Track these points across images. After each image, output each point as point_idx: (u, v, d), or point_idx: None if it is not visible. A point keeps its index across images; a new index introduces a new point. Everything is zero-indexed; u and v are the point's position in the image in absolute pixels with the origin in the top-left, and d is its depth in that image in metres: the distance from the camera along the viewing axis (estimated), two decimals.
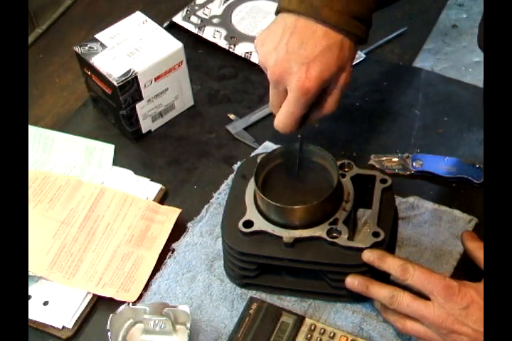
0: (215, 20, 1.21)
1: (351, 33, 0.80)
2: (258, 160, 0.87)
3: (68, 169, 1.04)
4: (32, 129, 1.07)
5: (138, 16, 1.05)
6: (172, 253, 0.95)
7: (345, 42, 0.81)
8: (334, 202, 0.85)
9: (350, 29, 0.80)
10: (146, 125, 1.07)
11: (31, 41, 1.21)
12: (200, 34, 1.19)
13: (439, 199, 0.97)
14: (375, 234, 0.83)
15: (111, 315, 0.83)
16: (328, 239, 0.83)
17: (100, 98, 1.05)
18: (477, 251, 0.86)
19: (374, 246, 0.82)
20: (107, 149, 1.06)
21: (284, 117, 0.83)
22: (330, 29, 0.79)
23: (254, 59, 1.16)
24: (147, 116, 1.06)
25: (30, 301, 0.90)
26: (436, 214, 0.95)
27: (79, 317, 0.89)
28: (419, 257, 0.92)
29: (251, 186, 0.88)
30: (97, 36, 1.03)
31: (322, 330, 0.85)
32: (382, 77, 1.13)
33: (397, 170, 1.01)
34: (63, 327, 0.89)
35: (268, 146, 1.04)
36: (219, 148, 1.07)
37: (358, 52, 1.15)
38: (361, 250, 0.82)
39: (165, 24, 1.19)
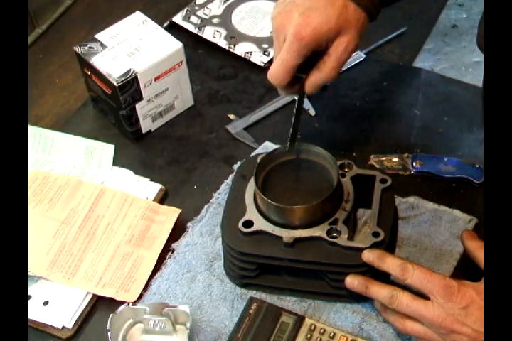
0: (215, 20, 1.21)
1: None
2: (258, 160, 0.87)
3: (68, 169, 1.04)
4: (32, 129, 1.07)
5: (138, 16, 1.05)
6: (172, 253, 0.95)
7: (350, 4, 0.83)
8: (334, 202, 0.85)
9: None
10: (146, 125, 1.07)
11: (31, 41, 1.21)
12: (200, 34, 1.19)
13: (439, 199, 0.97)
14: (375, 234, 0.83)
15: (111, 315, 0.83)
16: (328, 239, 0.83)
17: (100, 98, 1.05)
18: (477, 250, 0.86)
19: (374, 246, 0.82)
20: (107, 149, 1.06)
21: (276, 65, 0.84)
22: None
23: (254, 59, 1.16)
24: (147, 116, 1.06)
25: (30, 301, 0.90)
26: (436, 214, 0.96)
27: (79, 317, 0.89)
28: (419, 257, 0.92)
29: (251, 186, 0.88)
30: (97, 36, 1.03)
31: (322, 330, 0.85)
32: (382, 77, 1.13)
33: (397, 170, 1.01)
34: (63, 327, 0.89)
35: (268, 146, 1.04)
36: (219, 148, 1.07)
37: (358, 52, 1.15)
38: (361, 250, 0.82)
39: (165, 24, 1.19)
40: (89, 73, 1.03)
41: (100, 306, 0.91)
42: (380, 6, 0.87)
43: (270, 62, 1.15)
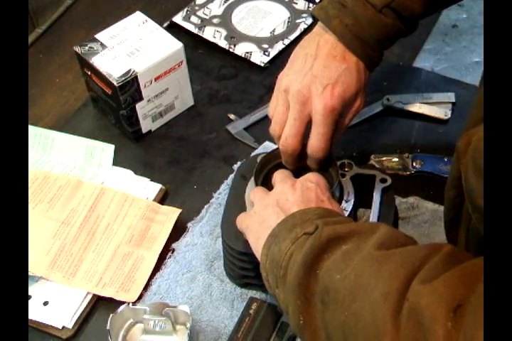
0: (215, 20, 1.21)
1: (358, 54, 0.86)
2: (258, 160, 0.87)
3: (68, 169, 1.04)
4: (32, 129, 1.07)
5: (138, 16, 1.05)
6: (172, 253, 0.95)
7: (360, 65, 0.86)
8: None
9: (353, 47, 0.85)
10: (146, 125, 1.07)
11: (31, 41, 1.21)
12: (200, 34, 1.19)
13: (439, 199, 0.97)
14: None
15: (111, 315, 0.83)
16: None
17: (100, 98, 1.05)
18: None
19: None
20: (107, 149, 1.06)
21: (316, 140, 0.84)
22: (347, 51, 0.85)
23: (254, 59, 1.16)
24: (147, 116, 1.06)
25: (30, 301, 0.90)
26: (436, 214, 0.96)
27: (79, 317, 0.89)
28: None
29: (251, 186, 0.88)
30: (97, 36, 1.03)
31: None
32: (382, 77, 1.13)
33: (397, 170, 1.01)
34: (63, 327, 0.89)
35: (268, 146, 1.04)
36: (219, 148, 1.07)
37: None
38: None
39: (165, 24, 1.19)
40: (89, 73, 1.03)
41: (100, 306, 0.91)
42: (382, 53, 0.91)
43: (270, 62, 1.16)
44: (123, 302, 0.86)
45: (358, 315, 0.61)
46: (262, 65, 1.15)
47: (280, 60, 1.17)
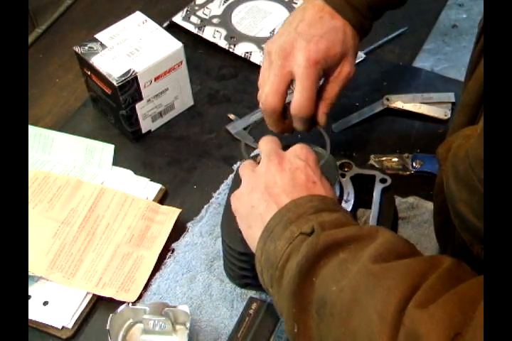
0: (215, 20, 1.21)
1: (348, 17, 0.84)
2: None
3: (68, 169, 1.04)
4: (32, 129, 1.07)
5: (138, 16, 1.05)
6: (172, 253, 0.95)
7: (348, 28, 0.85)
8: None
9: (342, 10, 0.84)
10: (146, 125, 1.07)
11: (31, 41, 1.21)
12: (200, 34, 1.19)
13: None
14: None
15: (111, 315, 0.83)
16: None
17: (100, 98, 1.05)
18: None
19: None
20: (107, 149, 1.06)
21: (300, 96, 0.82)
22: (335, 13, 0.84)
23: (254, 59, 1.16)
24: (147, 116, 1.06)
25: (30, 301, 0.90)
26: None
27: (79, 317, 0.89)
28: None
29: None
30: (97, 36, 1.03)
31: None
32: (382, 77, 1.13)
33: (397, 170, 1.01)
34: (63, 327, 0.89)
35: None
36: (219, 148, 1.07)
37: (358, 51, 1.15)
38: None
39: (165, 24, 1.19)
40: (89, 73, 1.03)
41: (100, 306, 0.91)
42: (372, 22, 0.89)
43: None
44: (123, 302, 0.86)
45: (355, 333, 0.60)
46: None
47: None
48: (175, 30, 1.18)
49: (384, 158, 1.02)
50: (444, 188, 0.74)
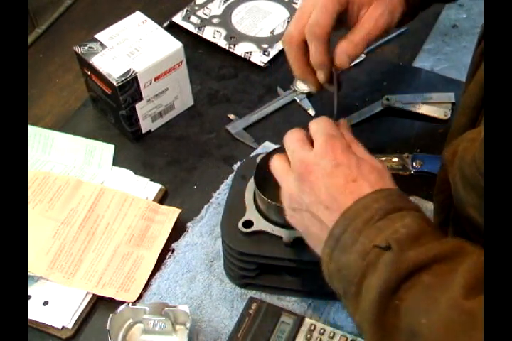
0: (215, 20, 1.21)
1: None
2: (258, 160, 0.87)
3: (68, 169, 1.04)
4: (32, 129, 1.07)
5: (138, 16, 1.05)
6: (172, 253, 0.95)
7: None
8: None
9: None
10: (146, 125, 1.07)
11: (31, 41, 1.21)
12: (200, 34, 1.19)
13: None
14: None
15: (111, 315, 0.83)
16: None
17: (100, 98, 1.05)
18: None
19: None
20: (107, 149, 1.06)
21: (315, 13, 0.78)
22: None
23: (254, 59, 1.16)
24: (147, 116, 1.06)
25: (30, 301, 0.90)
26: None
27: (79, 317, 0.89)
28: None
29: (251, 186, 0.88)
30: (97, 36, 1.03)
31: (322, 330, 0.85)
32: (382, 77, 1.13)
33: (397, 170, 1.01)
34: (63, 327, 0.89)
35: (268, 146, 1.04)
36: (219, 148, 1.07)
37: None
38: None
39: (165, 24, 1.19)
40: (89, 73, 1.03)
41: (100, 306, 0.91)
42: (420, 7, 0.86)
43: (270, 62, 1.16)
44: (123, 302, 0.86)
45: None
46: (262, 64, 1.15)
47: (280, 60, 1.17)
48: (175, 30, 1.18)
49: (384, 158, 1.02)
50: (445, 188, 0.74)
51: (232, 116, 1.09)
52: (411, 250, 0.62)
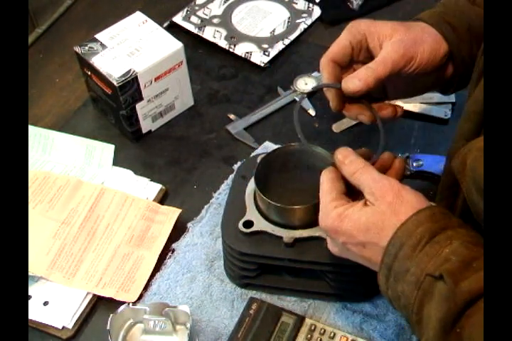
0: (215, 20, 1.21)
1: (441, 29, 0.81)
2: (258, 160, 0.87)
3: (68, 169, 1.04)
4: (32, 129, 1.07)
5: (138, 16, 1.05)
6: (172, 253, 0.95)
7: (438, 38, 0.81)
8: None
9: (435, 22, 0.82)
10: (146, 125, 1.07)
11: (31, 41, 1.21)
12: (200, 34, 1.19)
13: None
14: None
15: (111, 315, 0.83)
16: None
17: (100, 98, 1.05)
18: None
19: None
20: (107, 149, 1.06)
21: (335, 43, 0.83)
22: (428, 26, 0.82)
23: (254, 59, 1.16)
24: (147, 116, 1.06)
25: (30, 301, 0.90)
26: None
27: (79, 317, 0.89)
28: None
29: (251, 186, 0.88)
30: (97, 36, 1.03)
31: (322, 330, 0.85)
32: None
33: None
34: (63, 327, 0.89)
35: (268, 146, 1.04)
36: (219, 148, 1.07)
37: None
38: None
39: (165, 24, 1.19)
40: (89, 73, 1.03)
41: (100, 306, 0.91)
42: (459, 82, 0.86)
43: (270, 62, 1.16)
44: (123, 303, 0.86)
45: None
46: (262, 65, 1.15)
47: (280, 60, 1.17)
48: (175, 30, 1.18)
49: None
50: (447, 194, 0.74)
51: (232, 116, 1.09)
52: (466, 279, 0.62)
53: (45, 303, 0.90)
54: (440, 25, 0.82)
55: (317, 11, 1.22)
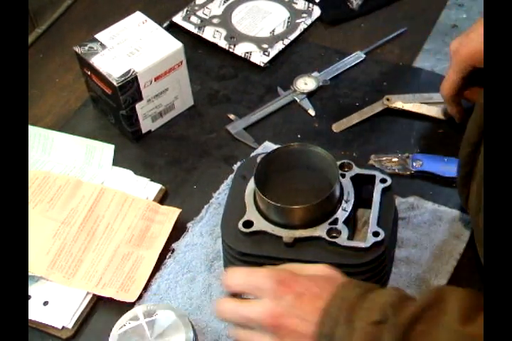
0: (215, 20, 1.21)
1: None
2: (258, 160, 0.87)
3: (68, 169, 1.04)
4: (32, 129, 1.07)
5: (138, 16, 1.05)
6: (172, 253, 0.95)
7: None
8: (334, 201, 0.85)
9: None
10: (146, 125, 1.07)
11: (31, 41, 1.21)
12: (200, 34, 1.19)
13: (439, 199, 0.97)
14: (375, 234, 0.83)
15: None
16: (328, 238, 0.83)
17: (100, 98, 1.05)
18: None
19: (374, 245, 0.82)
20: (107, 149, 1.06)
21: (444, 80, 0.97)
22: None
23: (254, 59, 1.16)
24: (147, 116, 1.06)
25: (30, 301, 0.90)
26: (436, 214, 0.95)
27: (79, 317, 0.89)
28: (419, 257, 0.91)
29: (251, 186, 0.88)
30: (97, 36, 1.03)
31: None
32: (382, 77, 1.13)
33: (397, 170, 1.01)
34: (63, 327, 0.89)
35: (268, 146, 1.04)
36: (219, 148, 1.07)
37: (358, 52, 1.15)
38: (361, 250, 0.82)
39: (165, 24, 1.19)
40: (89, 73, 1.03)
41: (100, 306, 0.91)
42: None
43: (270, 62, 1.16)
44: (123, 302, 0.86)
45: None
46: (262, 65, 1.15)
47: (280, 60, 1.17)
48: (175, 30, 1.18)
49: (384, 158, 1.02)
50: (471, 141, 0.78)
51: (232, 116, 1.09)
52: (405, 308, 0.65)
53: (45, 303, 0.90)
54: None
55: (317, 11, 1.22)
